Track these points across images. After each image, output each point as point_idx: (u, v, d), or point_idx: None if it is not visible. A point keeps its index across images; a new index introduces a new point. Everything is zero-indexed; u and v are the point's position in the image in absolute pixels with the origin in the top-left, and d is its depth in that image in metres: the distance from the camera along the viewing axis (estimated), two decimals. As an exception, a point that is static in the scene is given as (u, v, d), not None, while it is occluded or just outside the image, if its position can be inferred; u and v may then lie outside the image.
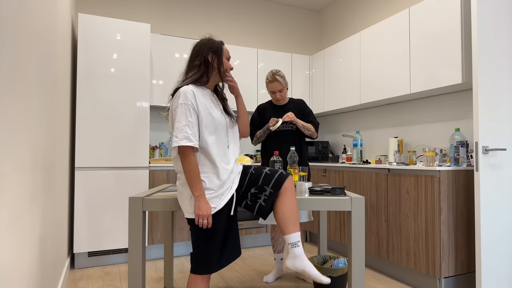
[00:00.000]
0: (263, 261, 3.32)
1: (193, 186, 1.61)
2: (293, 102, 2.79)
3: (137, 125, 3.26)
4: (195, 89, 1.70)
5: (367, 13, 4.10)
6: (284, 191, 1.72)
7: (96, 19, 3.14)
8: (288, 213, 1.69)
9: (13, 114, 1.13)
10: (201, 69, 1.74)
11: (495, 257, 2.23)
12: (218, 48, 1.76)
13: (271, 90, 2.67)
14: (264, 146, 2.77)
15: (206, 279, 1.66)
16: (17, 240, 1.21)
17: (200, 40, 1.81)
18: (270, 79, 2.63)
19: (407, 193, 2.69)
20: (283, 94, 2.67)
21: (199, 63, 1.75)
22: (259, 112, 2.81)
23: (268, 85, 2.66)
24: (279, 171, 1.77)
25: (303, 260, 1.64)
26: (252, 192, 1.75)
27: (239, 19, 4.50)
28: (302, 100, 2.81)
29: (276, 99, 2.69)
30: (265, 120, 2.76)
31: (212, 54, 1.75)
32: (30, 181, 1.41)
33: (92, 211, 3.08)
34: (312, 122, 2.73)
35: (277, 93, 2.65)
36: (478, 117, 2.20)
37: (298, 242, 1.67)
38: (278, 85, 2.62)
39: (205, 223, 1.59)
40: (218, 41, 1.80)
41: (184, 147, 1.60)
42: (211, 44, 1.77)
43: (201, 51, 1.76)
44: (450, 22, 2.68)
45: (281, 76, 2.62)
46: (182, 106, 1.62)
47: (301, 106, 2.78)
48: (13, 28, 1.11)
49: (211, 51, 1.75)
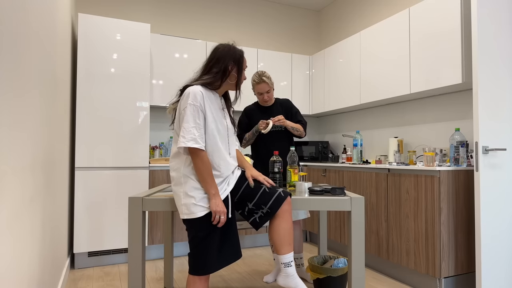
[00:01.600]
0: (263, 261, 3.32)
1: (209, 184, 1.63)
2: (279, 102, 2.78)
3: (137, 125, 3.26)
4: (204, 90, 1.70)
5: (367, 13, 4.10)
6: (282, 213, 1.74)
7: (96, 19, 3.14)
8: (283, 234, 1.73)
9: (13, 114, 1.13)
10: (218, 75, 1.74)
11: (495, 256, 2.23)
12: (240, 59, 1.77)
13: (258, 91, 2.63)
14: (254, 148, 2.76)
15: (204, 279, 1.66)
16: (17, 240, 1.21)
17: (223, 46, 1.79)
18: (257, 80, 2.60)
19: (407, 193, 2.69)
20: (270, 95, 2.65)
21: (218, 70, 1.74)
22: (246, 114, 2.78)
23: (255, 87, 2.63)
24: (278, 191, 1.76)
25: (295, 279, 1.71)
26: (249, 208, 1.77)
27: (239, 19, 4.50)
28: (288, 100, 2.81)
29: (264, 100, 2.66)
30: (253, 122, 2.74)
31: (233, 64, 1.75)
32: (30, 181, 1.41)
33: (92, 211, 3.08)
34: (300, 122, 2.73)
35: (264, 95, 2.63)
36: (478, 117, 2.20)
37: (291, 262, 1.72)
38: (266, 86, 2.60)
39: (222, 219, 1.62)
40: (240, 50, 1.79)
41: (193, 148, 1.61)
42: (233, 53, 1.76)
43: (222, 58, 1.74)
44: (450, 22, 2.68)
45: (268, 77, 2.60)
46: (191, 107, 1.63)
47: (288, 105, 2.77)
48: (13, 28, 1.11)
49: (233, 60, 1.75)
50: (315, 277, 2.42)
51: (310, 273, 2.46)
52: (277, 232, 1.73)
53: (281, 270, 1.73)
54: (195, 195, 1.64)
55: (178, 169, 1.69)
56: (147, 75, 3.31)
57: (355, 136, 3.62)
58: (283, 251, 1.72)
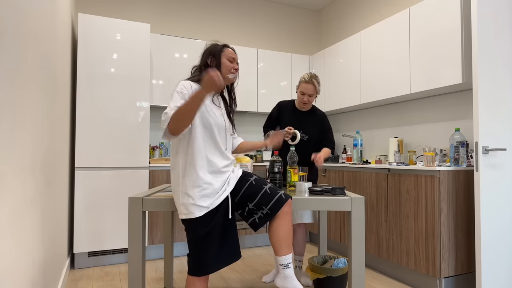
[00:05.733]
0: (263, 261, 3.32)
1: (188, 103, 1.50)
2: (315, 113, 2.68)
3: (137, 125, 3.26)
4: (194, 84, 1.73)
5: (367, 13, 4.10)
6: (282, 214, 1.73)
7: (96, 19, 3.14)
8: (283, 236, 1.72)
9: (13, 114, 1.13)
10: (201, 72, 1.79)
11: (495, 256, 2.23)
12: (217, 51, 1.79)
13: (302, 90, 2.54)
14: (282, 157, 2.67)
15: (204, 280, 1.66)
16: (17, 240, 1.21)
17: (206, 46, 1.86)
18: (306, 79, 2.51)
19: (407, 193, 2.69)
20: (311, 100, 2.56)
21: (199, 67, 1.82)
22: (279, 109, 2.70)
23: (301, 85, 2.54)
24: (279, 193, 1.75)
25: (293, 280, 1.70)
26: (250, 208, 1.75)
27: (239, 19, 4.50)
28: (324, 114, 2.71)
29: (303, 101, 2.56)
30: (282, 119, 2.67)
31: (211, 58, 1.79)
32: (30, 181, 1.41)
33: (92, 211, 3.08)
34: (330, 141, 2.66)
35: (306, 96, 2.54)
36: (478, 117, 2.20)
37: (289, 263, 1.71)
38: (311, 89, 2.51)
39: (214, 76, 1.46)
40: (221, 45, 1.82)
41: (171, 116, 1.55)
42: (212, 48, 1.81)
43: (202, 57, 1.82)
44: (450, 22, 2.68)
45: (318, 82, 2.53)
46: (177, 94, 1.66)
47: (322, 119, 2.68)
48: (12, 28, 1.11)
49: (211, 55, 1.79)
50: (315, 277, 2.42)
51: (310, 273, 2.46)
52: (277, 234, 1.72)
53: (279, 271, 1.72)
54: (193, 194, 1.63)
55: (177, 168, 1.69)
56: (147, 75, 3.31)
57: (355, 136, 3.62)
58: (281, 253, 1.72)
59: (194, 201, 1.63)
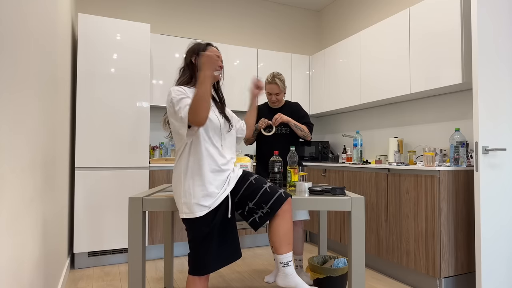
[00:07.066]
0: (263, 261, 3.32)
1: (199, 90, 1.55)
2: (288, 105, 2.77)
3: (137, 125, 3.26)
4: (185, 87, 1.73)
5: (367, 13, 4.10)
6: (282, 213, 1.73)
7: (96, 19, 3.14)
8: (283, 234, 1.73)
9: (13, 114, 1.13)
10: (186, 72, 1.81)
11: (495, 256, 2.23)
12: (200, 50, 1.81)
13: (268, 91, 2.66)
14: (259, 151, 2.75)
15: (204, 279, 1.66)
16: (17, 240, 1.21)
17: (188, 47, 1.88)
18: (269, 80, 2.62)
19: (407, 193, 2.69)
20: (279, 98, 2.66)
21: (184, 68, 1.84)
22: (257, 114, 2.78)
23: (266, 86, 2.65)
24: (279, 192, 1.75)
25: (294, 277, 1.70)
26: (250, 207, 1.75)
27: (239, 19, 4.50)
28: (297, 103, 2.80)
29: (271, 101, 2.68)
30: None
31: (195, 57, 1.81)
32: (30, 181, 1.42)
33: (92, 211, 3.08)
34: (307, 124, 2.71)
35: (273, 96, 2.65)
36: (478, 117, 2.20)
37: (289, 262, 1.71)
38: (276, 88, 2.61)
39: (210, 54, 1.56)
40: (203, 44, 1.84)
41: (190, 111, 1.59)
42: (194, 47, 1.84)
43: (186, 56, 1.84)
44: (450, 22, 2.68)
45: (281, 80, 2.61)
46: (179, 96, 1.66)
47: (296, 109, 2.76)
48: (12, 28, 1.11)
49: (194, 53, 1.81)
50: (315, 277, 2.42)
51: (310, 273, 2.46)
52: (277, 232, 1.73)
53: (279, 270, 1.72)
54: (195, 194, 1.63)
55: (179, 167, 1.70)
56: (147, 75, 3.31)
57: (355, 136, 3.62)
58: (282, 251, 1.72)
59: (197, 200, 1.63)
